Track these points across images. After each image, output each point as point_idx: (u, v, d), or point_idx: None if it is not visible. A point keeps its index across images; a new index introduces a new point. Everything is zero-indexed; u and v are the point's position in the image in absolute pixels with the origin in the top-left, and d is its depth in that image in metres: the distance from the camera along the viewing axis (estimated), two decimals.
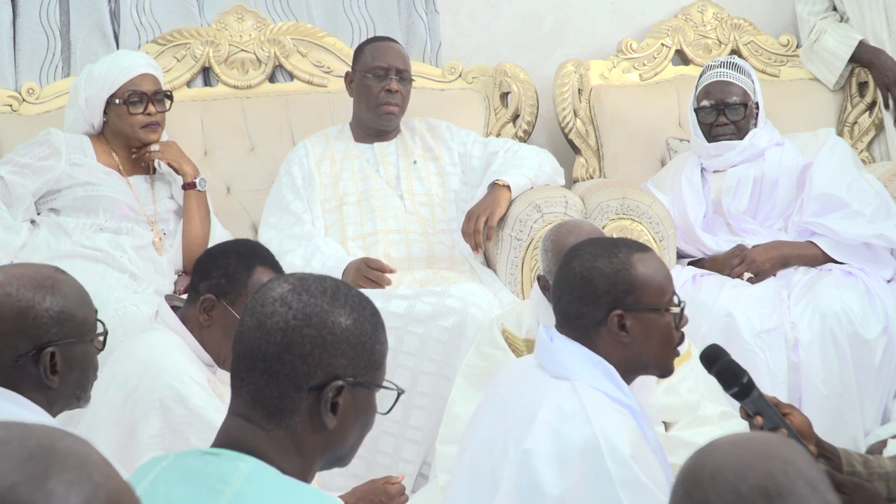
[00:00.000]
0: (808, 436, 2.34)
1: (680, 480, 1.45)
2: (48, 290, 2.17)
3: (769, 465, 1.42)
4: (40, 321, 2.15)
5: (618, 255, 2.36)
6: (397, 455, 3.75)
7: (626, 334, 2.34)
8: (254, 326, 1.75)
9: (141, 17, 4.48)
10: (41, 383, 2.15)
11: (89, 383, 2.24)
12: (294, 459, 1.74)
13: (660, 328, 2.36)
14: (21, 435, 1.18)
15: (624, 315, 2.33)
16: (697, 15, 4.92)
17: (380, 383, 1.80)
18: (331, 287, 1.77)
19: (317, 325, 1.73)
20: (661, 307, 2.36)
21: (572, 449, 2.23)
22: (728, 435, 1.49)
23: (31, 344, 2.15)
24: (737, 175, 4.21)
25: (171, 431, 2.71)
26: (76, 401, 2.22)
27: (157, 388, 2.73)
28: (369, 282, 3.86)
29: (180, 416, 2.71)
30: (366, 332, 1.77)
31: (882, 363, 3.89)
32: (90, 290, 3.40)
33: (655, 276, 2.37)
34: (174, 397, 2.72)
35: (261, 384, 1.73)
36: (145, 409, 2.73)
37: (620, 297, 2.33)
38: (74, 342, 2.18)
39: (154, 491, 1.72)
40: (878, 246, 4.07)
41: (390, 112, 4.20)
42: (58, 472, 1.16)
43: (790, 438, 2.07)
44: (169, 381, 2.73)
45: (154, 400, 2.73)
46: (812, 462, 1.45)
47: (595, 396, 2.28)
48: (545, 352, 2.38)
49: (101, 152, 4.03)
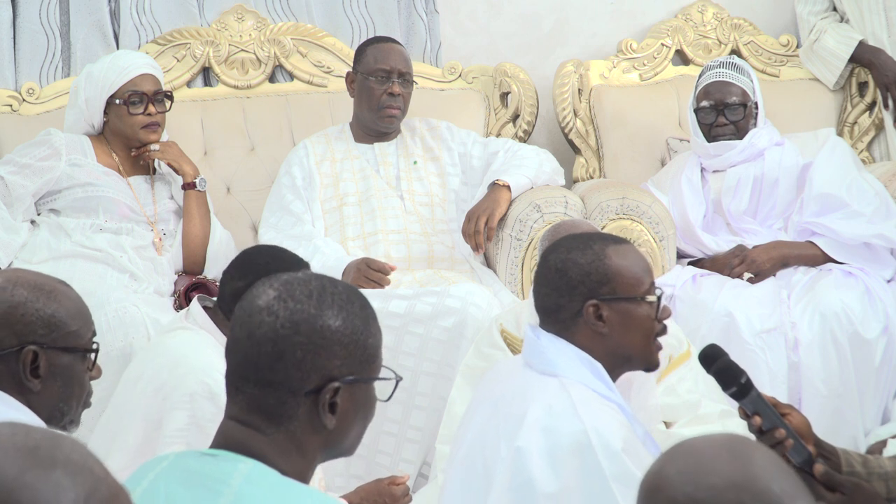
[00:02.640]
0: (806, 436, 2.34)
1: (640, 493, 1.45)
2: (45, 294, 2.16)
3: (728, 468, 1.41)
4: (29, 319, 2.14)
5: (592, 246, 2.37)
6: (397, 455, 3.75)
7: (603, 324, 2.35)
8: (244, 337, 1.74)
9: (141, 17, 4.48)
10: (22, 384, 2.14)
11: (73, 400, 2.20)
12: (294, 460, 1.74)
13: (637, 318, 2.37)
14: (25, 430, 1.21)
15: (600, 305, 2.34)
16: (697, 15, 4.92)
17: (376, 375, 1.80)
18: (316, 289, 1.76)
19: (306, 331, 1.72)
20: (638, 296, 2.37)
21: (564, 446, 2.24)
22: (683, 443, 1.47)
23: (16, 340, 2.14)
24: (737, 175, 4.21)
25: (195, 427, 2.71)
26: (60, 416, 2.18)
27: (188, 383, 2.74)
28: (370, 282, 3.86)
29: (208, 412, 2.70)
30: (357, 329, 1.76)
31: (882, 363, 3.89)
32: (90, 289, 3.43)
33: (631, 266, 2.38)
34: (205, 393, 2.72)
35: (256, 393, 1.74)
36: (174, 403, 2.74)
37: (595, 287, 2.34)
38: (62, 351, 2.16)
39: (153, 491, 1.72)
40: (878, 246, 4.07)
41: (392, 115, 4.20)
42: (63, 464, 1.19)
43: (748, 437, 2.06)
44: (200, 377, 2.73)
45: (184, 394, 2.73)
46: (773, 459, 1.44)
47: (584, 393, 2.29)
48: (532, 350, 2.39)
49: (101, 153, 4.03)
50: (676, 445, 1.45)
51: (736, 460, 1.39)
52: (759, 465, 1.39)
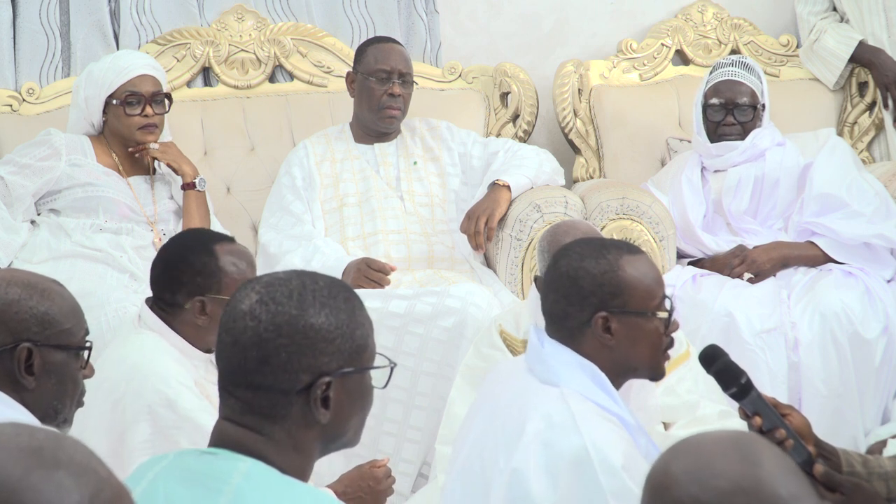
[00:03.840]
0: (806, 436, 2.34)
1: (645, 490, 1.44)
2: (39, 293, 2.18)
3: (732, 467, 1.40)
4: (22, 317, 2.15)
5: (606, 255, 2.31)
6: (397, 455, 3.75)
7: (610, 337, 2.29)
8: (230, 343, 1.75)
9: (141, 17, 4.47)
10: (16, 382, 2.16)
11: (67, 398, 2.21)
12: (292, 457, 1.75)
13: (646, 333, 2.32)
14: (29, 430, 1.22)
15: (609, 318, 2.29)
16: (697, 15, 4.91)
17: (369, 365, 1.80)
18: (297, 288, 1.76)
19: (288, 333, 1.72)
20: (649, 311, 2.32)
21: (562, 460, 2.20)
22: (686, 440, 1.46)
23: (10, 337, 2.15)
24: (737, 175, 4.21)
25: (160, 436, 2.70)
26: (54, 414, 2.20)
27: (144, 394, 2.72)
28: (370, 282, 3.86)
29: (170, 420, 2.70)
30: (342, 323, 1.76)
31: (882, 363, 3.89)
32: (90, 289, 3.43)
33: (644, 279, 2.31)
34: (162, 402, 2.71)
35: (248, 396, 1.74)
36: (134, 415, 2.72)
37: (606, 299, 2.29)
38: (55, 348, 2.18)
39: (153, 491, 1.72)
40: (878, 246, 4.07)
41: (392, 116, 4.20)
42: (66, 465, 1.20)
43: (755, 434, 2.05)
44: (156, 386, 2.72)
45: (142, 406, 2.72)
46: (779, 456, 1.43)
47: (584, 406, 2.25)
48: (535, 356, 2.35)
49: (101, 153, 4.03)
50: (683, 441, 1.43)
51: (743, 462, 1.38)
52: (767, 468, 1.38)
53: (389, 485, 2.88)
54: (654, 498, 1.39)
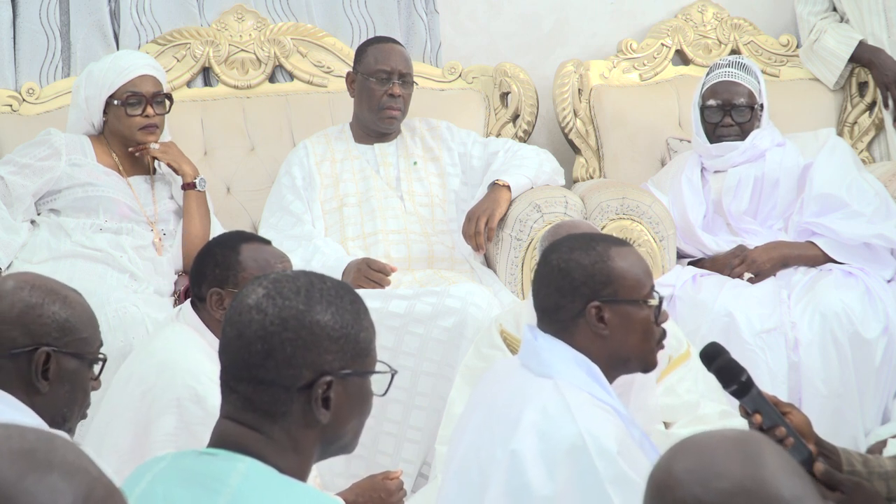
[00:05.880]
0: (807, 435, 2.34)
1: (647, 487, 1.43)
2: (60, 299, 2.19)
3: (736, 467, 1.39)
4: (44, 321, 2.17)
5: (596, 247, 2.36)
6: (397, 455, 3.75)
7: (604, 326, 2.33)
8: (234, 336, 1.75)
9: (141, 17, 4.48)
10: (30, 385, 2.16)
11: (76, 406, 2.23)
12: (291, 457, 1.75)
13: (638, 321, 2.36)
14: (20, 432, 1.22)
15: (602, 307, 2.33)
16: (697, 15, 4.92)
17: (370, 369, 1.80)
18: (304, 285, 1.76)
19: (294, 327, 1.73)
20: (639, 300, 2.37)
21: (559, 449, 2.23)
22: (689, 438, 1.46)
23: (30, 340, 2.16)
24: (737, 175, 4.21)
25: (185, 431, 2.71)
26: (62, 421, 2.21)
27: (174, 387, 2.73)
28: (370, 282, 3.86)
29: (196, 416, 2.70)
30: (347, 323, 1.76)
31: (882, 363, 3.89)
32: (90, 289, 3.42)
33: (633, 268, 2.37)
34: (191, 397, 2.72)
35: (249, 391, 1.74)
36: (161, 408, 2.73)
37: (598, 288, 2.33)
38: (72, 356, 2.19)
39: (152, 492, 1.72)
40: (878, 246, 4.07)
41: (392, 116, 4.20)
42: (59, 467, 1.20)
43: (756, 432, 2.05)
44: (186, 381, 2.73)
45: (171, 399, 2.73)
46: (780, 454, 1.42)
47: (579, 395, 2.28)
48: (529, 350, 2.38)
49: (101, 153, 4.03)
50: (685, 441, 1.43)
51: (746, 462, 1.38)
52: (770, 468, 1.37)
53: (401, 497, 2.89)
54: (657, 498, 1.39)
